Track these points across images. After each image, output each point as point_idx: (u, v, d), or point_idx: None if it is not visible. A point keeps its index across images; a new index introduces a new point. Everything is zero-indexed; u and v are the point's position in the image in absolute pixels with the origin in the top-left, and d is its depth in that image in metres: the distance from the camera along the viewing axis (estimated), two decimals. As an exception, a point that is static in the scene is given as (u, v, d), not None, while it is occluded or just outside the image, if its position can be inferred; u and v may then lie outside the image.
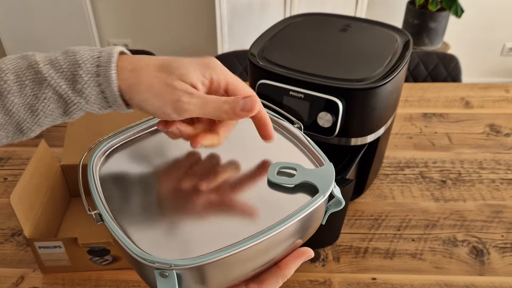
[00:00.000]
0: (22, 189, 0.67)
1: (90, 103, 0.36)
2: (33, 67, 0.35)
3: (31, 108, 0.35)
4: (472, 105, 1.13)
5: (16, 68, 0.35)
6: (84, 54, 0.35)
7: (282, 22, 0.81)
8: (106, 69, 0.35)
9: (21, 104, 0.35)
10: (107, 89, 0.35)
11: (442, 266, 0.73)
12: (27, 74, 0.34)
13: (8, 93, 0.34)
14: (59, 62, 0.35)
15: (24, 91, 0.34)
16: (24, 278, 0.72)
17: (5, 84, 0.34)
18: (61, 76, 0.35)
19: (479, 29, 2.44)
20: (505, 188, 0.87)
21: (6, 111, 0.35)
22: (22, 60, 0.35)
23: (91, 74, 0.35)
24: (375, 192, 0.87)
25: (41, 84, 0.35)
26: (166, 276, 0.31)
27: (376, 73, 0.65)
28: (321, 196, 0.36)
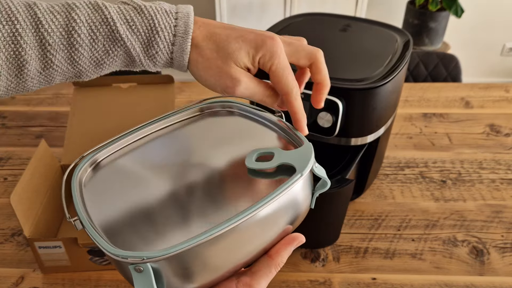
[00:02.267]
0: (22, 189, 0.67)
1: (156, 66, 0.37)
2: (108, 23, 0.34)
3: (98, 61, 0.35)
4: (472, 105, 1.13)
5: (90, 21, 0.34)
6: (161, 19, 0.35)
7: (282, 22, 0.81)
8: (183, 39, 0.36)
9: (89, 58, 0.35)
10: (178, 58, 0.36)
11: (442, 266, 0.73)
12: (101, 30, 0.34)
13: (79, 46, 0.34)
14: (135, 23, 0.34)
15: (95, 46, 0.34)
16: (24, 278, 0.72)
17: (78, 38, 0.33)
18: (137, 38, 0.35)
19: (479, 29, 2.44)
20: (505, 188, 0.87)
21: (73, 62, 0.34)
22: (95, 13, 0.34)
23: (167, 42, 0.35)
24: (375, 192, 0.87)
25: (115, 43, 0.34)
26: (140, 270, 0.30)
27: (376, 73, 0.65)
28: (299, 175, 0.36)
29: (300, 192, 0.37)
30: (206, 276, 0.34)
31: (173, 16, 0.36)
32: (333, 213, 0.71)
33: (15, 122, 1.09)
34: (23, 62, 0.33)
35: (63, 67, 0.34)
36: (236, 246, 0.34)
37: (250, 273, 0.36)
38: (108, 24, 0.34)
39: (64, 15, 0.33)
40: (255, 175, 0.38)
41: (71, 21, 0.33)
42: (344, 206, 0.71)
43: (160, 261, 0.30)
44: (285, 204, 0.35)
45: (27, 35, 0.32)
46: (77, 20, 0.33)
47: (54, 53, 0.33)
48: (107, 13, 0.34)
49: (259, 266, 0.36)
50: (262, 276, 0.36)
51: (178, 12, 0.36)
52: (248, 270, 0.37)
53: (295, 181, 0.35)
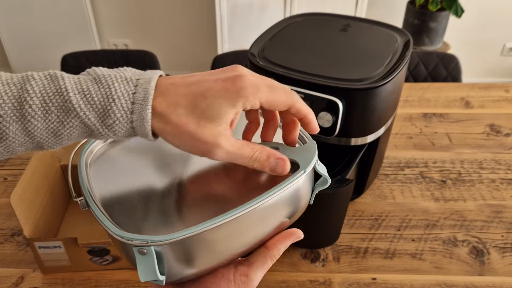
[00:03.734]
0: (22, 189, 0.67)
1: (118, 136, 0.35)
2: (62, 94, 0.33)
3: (55, 132, 0.34)
4: (472, 105, 1.13)
5: (43, 92, 0.33)
6: (118, 87, 0.33)
7: (282, 22, 0.81)
8: (142, 107, 0.33)
9: (44, 129, 0.33)
10: (139, 127, 0.34)
11: (442, 266, 0.73)
12: (54, 101, 0.33)
13: (32, 117, 0.33)
14: (90, 93, 0.33)
15: (49, 117, 0.33)
16: (24, 278, 0.72)
17: (30, 109, 0.32)
18: (91, 109, 0.33)
19: (479, 29, 2.44)
20: (505, 188, 0.87)
21: (28, 133, 0.33)
22: (50, 84, 0.33)
23: (124, 111, 0.33)
24: (375, 192, 0.87)
25: (69, 113, 0.33)
26: (144, 253, 0.32)
27: (376, 73, 0.65)
28: (302, 171, 0.36)
29: (302, 188, 0.38)
30: (206, 262, 0.35)
31: (133, 83, 0.33)
32: (333, 213, 0.71)
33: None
34: None
35: (20, 139, 0.34)
36: (237, 235, 0.35)
37: (248, 263, 0.37)
38: (61, 94, 0.33)
39: (19, 86, 0.33)
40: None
41: (24, 92, 0.33)
42: (344, 206, 0.71)
43: (164, 245, 0.32)
44: (286, 199, 0.36)
45: None
46: (29, 91, 0.33)
47: (7, 124, 0.33)
48: (62, 84, 0.33)
49: (256, 257, 0.37)
50: (258, 266, 0.37)
51: (139, 79, 0.34)
52: (245, 260, 0.38)
53: (298, 177, 0.36)
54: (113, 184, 0.39)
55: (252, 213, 0.33)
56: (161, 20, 2.49)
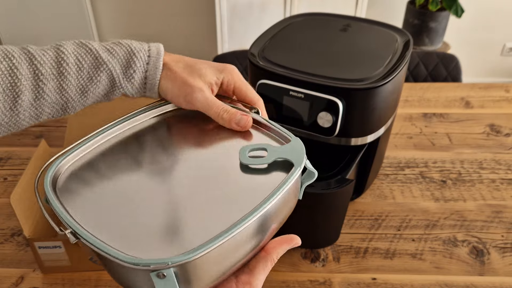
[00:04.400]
0: (22, 189, 0.67)
1: (133, 87, 0.42)
2: (92, 53, 0.39)
3: (83, 89, 0.40)
4: (472, 105, 1.13)
5: (76, 53, 0.39)
6: (137, 45, 0.42)
7: (282, 22, 0.81)
8: (156, 59, 0.42)
9: (75, 85, 0.40)
10: (151, 76, 0.42)
11: (442, 266, 0.73)
12: (86, 58, 0.39)
13: (68, 74, 0.39)
14: (115, 50, 0.40)
15: (81, 73, 0.39)
16: (24, 278, 0.72)
17: (67, 66, 0.39)
18: (117, 61, 0.40)
19: (479, 29, 2.44)
20: (505, 188, 0.87)
21: (61, 91, 0.39)
22: (81, 47, 0.40)
23: (142, 61, 0.41)
24: (375, 192, 0.87)
25: (99, 68, 0.40)
26: (163, 276, 0.29)
27: (376, 73, 0.65)
28: (297, 168, 0.37)
29: (296, 186, 0.38)
30: (215, 275, 0.33)
31: (147, 44, 0.43)
32: (333, 213, 0.71)
33: (15, 122, 1.09)
34: (18, 93, 0.37)
35: (53, 97, 0.39)
36: (245, 242, 0.34)
37: (248, 271, 0.37)
38: (92, 53, 0.40)
39: (53, 50, 0.39)
40: (249, 172, 0.38)
41: (60, 53, 0.39)
42: (344, 206, 0.71)
43: (184, 264, 0.29)
44: (286, 198, 0.36)
45: (22, 68, 0.37)
46: (65, 52, 0.39)
47: (46, 82, 0.38)
48: (90, 46, 0.40)
49: (256, 262, 0.37)
50: (260, 271, 0.37)
51: (149, 43, 0.43)
52: (246, 268, 0.37)
53: (296, 173, 0.36)
54: (92, 206, 0.35)
55: (260, 217, 0.33)
56: (161, 20, 2.49)
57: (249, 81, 0.73)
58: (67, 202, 0.36)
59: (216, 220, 0.33)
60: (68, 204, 0.36)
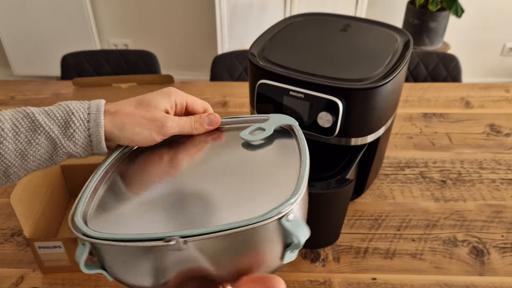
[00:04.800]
0: (22, 189, 0.67)
1: (77, 147, 0.41)
2: (29, 116, 0.40)
3: (22, 153, 0.39)
4: (472, 105, 1.13)
5: (13, 118, 0.39)
6: (75, 105, 0.41)
7: (282, 22, 0.81)
8: (96, 115, 0.41)
9: (13, 150, 0.39)
10: (95, 133, 0.41)
11: (442, 266, 0.73)
12: (23, 123, 0.39)
13: (4, 139, 0.39)
14: (53, 111, 0.41)
15: (18, 138, 0.39)
16: (24, 278, 0.72)
17: (2, 132, 0.38)
18: (54, 123, 0.40)
19: (479, 29, 2.44)
20: (505, 188, 0.87)
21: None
22: (18, 112, 0.40)
23: (82, 120, 0.41)
24: (375, 192, 0.87)
25: (36, 131, 0.40)
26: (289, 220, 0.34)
27: (376, 73, 0.65)
28: (297, 126, 0.45)
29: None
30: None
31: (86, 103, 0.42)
32: (333, 213, 0.71)
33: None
34: None
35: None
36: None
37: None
38: (29, 117, 0.40)
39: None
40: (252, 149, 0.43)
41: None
42: (344, 206, 0.71)
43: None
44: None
45: None
46: (1, 119, 0.39)
47: None
48: (28, 111, 0.40)
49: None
50: None
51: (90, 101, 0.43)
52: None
53: (300, 133, 0.43)
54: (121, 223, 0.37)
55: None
56: (161, 20, 2.49)
57: (249, 81, 0.73)
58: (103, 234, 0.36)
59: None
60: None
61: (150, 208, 0.37)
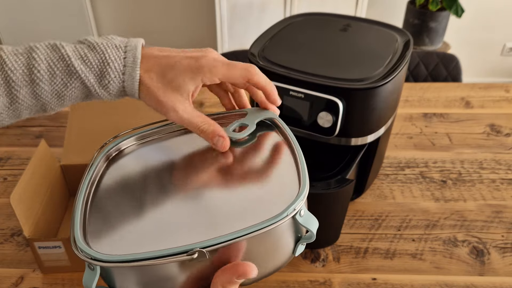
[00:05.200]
0: (22, 189, 0.67)
1: (111, 95, 0.41)
2: (65, 59, 0.39)
3: (59, 94, 0.40)
4: (473, 105, 1.13)
5: (48, 58, 0.38)
6: (111, 53, 0.40)
7: (282, 22, 0.81)
8: (132, 69, 0.40)
9: (50, 91, 0.39)
10: (129, 86, 0.40)
11: (442, 266, 0.73)
12: (59, 66, 0.39)
13: (40, 81, 0.38)
14: (88, 58, 0.39)
15: (54, 80, 0.39)
16: (23, 278, 0.72)
17: (38, 73, 0.38)
18: (90, 71, 0.39)
19: (480, 29, 2.43)
20: (505, 188, 0.87)
21: (36, 96, 0.39)
22: (53, 52, 0.39)
23: (117, 72, 0.40)
24: (375, 192, 0.87)
25: (71, 76, 0.39)
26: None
27: (376, 73, 0.65)
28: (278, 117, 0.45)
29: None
30: None
31: (122, 49, 0.40)
32: (333, 213, 0.71)
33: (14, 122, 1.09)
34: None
35: (28, 101, 0.39)
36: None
37: None
38: (64, 60, 0.39)
39: (26, 55, 0.38)
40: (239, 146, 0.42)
41: (32, 60, 0.38)
42: (344, 206, 0.71)
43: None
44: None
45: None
46: (36, 59, 0.38)
47: (18, 88, 0.38)
48: (63, 51, 0.39)
49: None
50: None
51: (127, 46, 0.41)
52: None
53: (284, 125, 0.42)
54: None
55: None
56: (161, 20, 2.49)
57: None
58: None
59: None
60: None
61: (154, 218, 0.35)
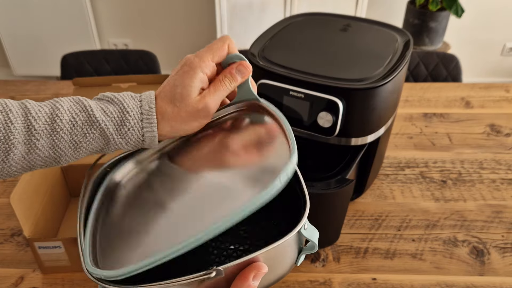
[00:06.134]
0: (22, 189, 0.67)
1: (128, 144, 0.42)
2: (87, 110, 0.40)
3: (76, 144, 0.40)
4: (473, 105, 1.13)
5: (71, 109, 0.40)
6: (129, 103, 0.42)
7: (282, 22, 0.81)
8: (149, 115, 0.42)
9: (68, 141, 0.40)
10: (149, 132, 0.42)
11: (442, 266, 0.73)
12: (80, 116, 0.40)
13: (61, 130, 0.39)
14: (109, 109, 0.41)
15: (75, 130, 0.40)
16: (23, 278, 0.72)
17: (61, 123, 0.39)
18: (111, 120, 0.41)
19: (480, 29, 2.43)
20: (505, 188, 0.87)
21: (53, 146, 0.40)
22: (76, 104, 0.41)
23: (136, 119, 0.41)
24: (376, 192, 0.87)
25: (92, 125, 0.40)
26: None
27: (376, 73, 0.65)
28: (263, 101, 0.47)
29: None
30: None
31: (138, 99, 0.42)
32: (333, 213, 0.71)
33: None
34: (11, 146, 0.38)
35: (45, 152, 0.40)
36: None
37: None
38: (86, 111, 0.40)
39: (50, 106, 0.40)
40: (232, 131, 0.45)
41: (55, 110, 0.40)
42: (344, 206, 0.71)
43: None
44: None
45: (17, 122, 0.38)
46: (60, 109, 0.40)
47: (39, 137, 0.39)
48: (86, 104, 0.41)
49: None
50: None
51: (141, 95, 0.43)
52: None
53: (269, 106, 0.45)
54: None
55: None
56: (161, 20, 2.49)
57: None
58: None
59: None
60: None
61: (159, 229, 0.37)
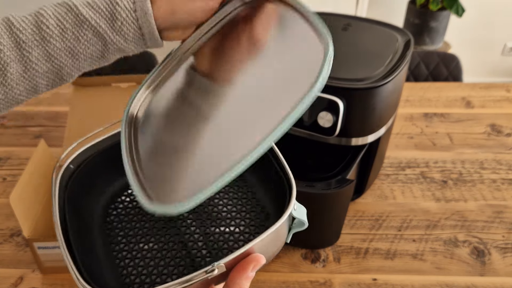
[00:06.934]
0: (22, 189, 0.67)
1: (128, 41, 0.38)
2: (72, 10, 0.36)
3: (72, 51, 0.37)
4: (473, 105, 1.13)
5: (56, 13, 0.36)
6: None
7: (282, 22, 0.81)
8: (142, 2, 0.37)
9: (62, 49, 0.37)
10: (145, 23, 0.37)
11: (443, 267, 0.72)
12: (67, 18, 0.36)
13: (51, 37, 0.36)
14: (96, 3, 0.37)
15: (65, 35, 0.36)
16: (23, 278, 0.71)
17: (48, 29, 0.36)
18: (100, 15, 0.36)
19: (480, 28, 2.43)
20: (506, 188, 0.87)
21: (49, 57, 0.36)
22: (61, 7, 0.37)
23: (128, 10, 0.37)
24: (376, 192, 0.87)
25: (82, 26, 0.36)
26: None
27: (376, 72, 0.65)
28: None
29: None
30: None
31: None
32: (333, 214, 0.71)
33: (14, 122, 1.09)
34: (4, 65, 0.35)
35: (42, 66, 0.37)
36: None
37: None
38: (72, 11, 0.36)
39: (33, 14, 0.37)
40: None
41: (40, 17, 0.36)
42: (344, 206, 0.71)
43: None
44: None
45: (3, 37, 0.36)
46: (44, 15, 0.36)
47: (30, 50, 0.36)
48: (70, 3, 0.37)
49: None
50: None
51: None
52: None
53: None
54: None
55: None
56: (161, 19, 2.49)
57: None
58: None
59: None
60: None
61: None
